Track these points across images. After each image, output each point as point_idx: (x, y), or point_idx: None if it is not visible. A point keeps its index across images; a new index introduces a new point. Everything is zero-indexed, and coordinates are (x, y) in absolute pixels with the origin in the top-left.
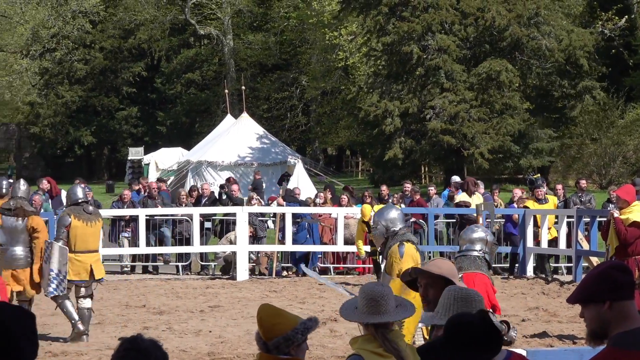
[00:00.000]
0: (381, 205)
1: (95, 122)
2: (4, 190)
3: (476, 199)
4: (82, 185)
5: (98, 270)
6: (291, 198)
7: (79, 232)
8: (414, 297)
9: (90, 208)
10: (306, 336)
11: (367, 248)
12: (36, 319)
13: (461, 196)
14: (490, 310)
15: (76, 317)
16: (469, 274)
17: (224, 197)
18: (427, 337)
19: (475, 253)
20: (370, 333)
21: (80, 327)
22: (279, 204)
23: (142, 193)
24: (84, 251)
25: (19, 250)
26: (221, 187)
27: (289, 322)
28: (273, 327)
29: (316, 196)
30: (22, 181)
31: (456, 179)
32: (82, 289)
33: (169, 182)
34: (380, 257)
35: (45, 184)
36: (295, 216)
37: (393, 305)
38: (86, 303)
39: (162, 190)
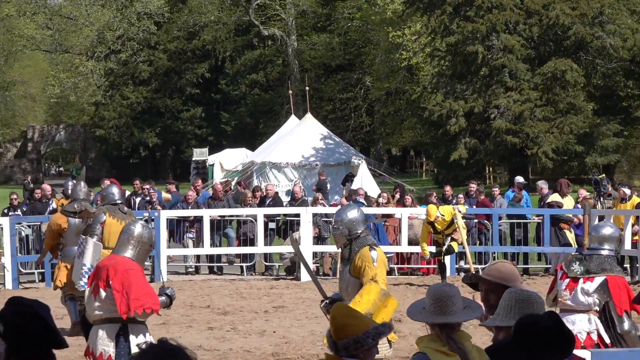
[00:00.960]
0: (446, 206)
1: (160, 123)
2: (69, 191)
3: (568, 201)
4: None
5: None
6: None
7: (112, 229)
8: (386, 306)
9: (125, 208)
10: (377, 341)
11: (432, 249)
12: None
13: (553, 196)
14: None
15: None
16: (611, 277)
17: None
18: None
19: (606, 252)
20: (435, 333)
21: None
22: (342, 205)
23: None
24: None
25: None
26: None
27: (361, 324)
28: (344, 328)
29: (379, 196)
30: (82, 183)
31: (520, 179)
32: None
33: (233, 183)
34: (345, 258)
35: (106, 183)
36: None
37: (460, 307)
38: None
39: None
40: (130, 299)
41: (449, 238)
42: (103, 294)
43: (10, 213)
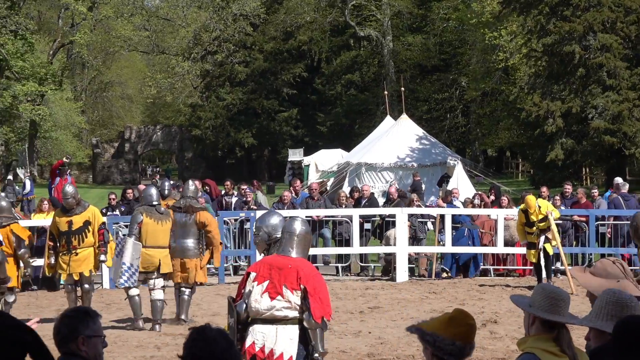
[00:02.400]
0: (543, 202)
1: (256, 124)
2: (166, 192)
3: None
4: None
5: (165, 265)
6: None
7: (149, 228)
8: None
9: (162, 209)
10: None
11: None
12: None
13: None
14: None
15: (140, 313)
16: None
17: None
18: None
19: None
20: (543, 332)
21: (140, 324)
22: (438, 205)
23: (293, 195)
24: (153, 246)
25: (189, 242)
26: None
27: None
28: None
29: (474, 197)
30: (190, 182)
31: (619, 180)
32: (152, 282)
33: (329, 184)
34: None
35: (197, 184)
36: (455, 220)
37: (568, 311)
38: (157, 295)
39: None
40: (324, 304)
41: (544, 237)
42: (291, 295)
43: (108, 213)
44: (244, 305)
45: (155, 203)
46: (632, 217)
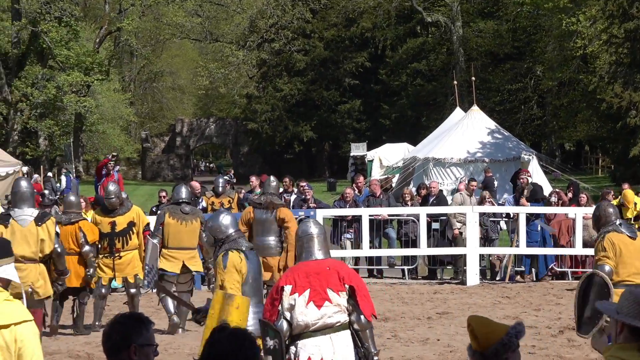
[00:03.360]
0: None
1: (316, 116)
2: (220, 189)
3: None
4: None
5: (192, 266)
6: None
7: (171, 229)
8: (237, 307)
9: (187, 208)
10: (519, 341)
11: None
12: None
13: None
14: None
15: (172, 310)
16: None
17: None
18: None
19: None
20: (631, 341)
21: (175, 319)
22: (521, 204)
23: (356, 193)
24: (176, 247)
25: (270, 240)
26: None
27: (500, 328)
28: (487, 335)
29: (551, 194)
30: (272, 177)
31: None
32: (178, 284)
33: (394, 180)
34: None
35: (254, 181)
36: (529, 216)
37: None
38: (183, 297)
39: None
40: (370, 301)
41: None
42: (338, 298)
43: (159, 212)
44: (285, 323)
45: (180, 200)
46: (596, 206)
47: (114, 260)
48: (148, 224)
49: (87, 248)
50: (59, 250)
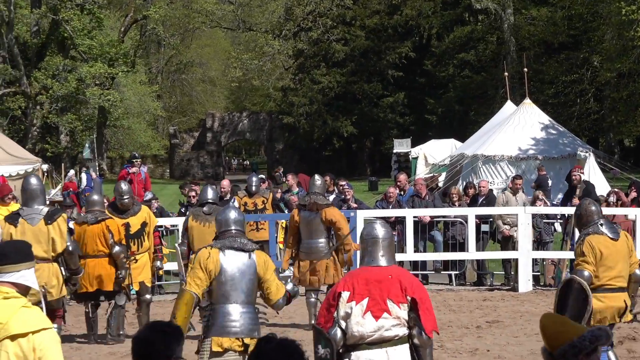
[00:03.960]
0: None
1: (356, 110)
2: (254, 188)
3: None
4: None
5: None
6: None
7: (195, 232)
8: (186, 303)
9: (207, 208)
10: (595, 346)
11: None
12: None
13: None
14: None
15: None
16: None
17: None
18: None
19: None
20: None
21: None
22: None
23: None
24: None
25: (318, 242)
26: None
27: (575, 329)
28: (558, 335)
29: (609, 194)
30: (316, 176)
31: None
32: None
33: (440, 179)
34: None
35: (290, 180)
36: None
37: None
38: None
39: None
40: (432, 315)
41: None
42: (398, 310)
43: (187, 213)
44: (339, 332)
45: (204, 201)
46: (577, 204)
47: (130, 264)
48: (159, 225)
49: (117, 248)
50: (70, 248)
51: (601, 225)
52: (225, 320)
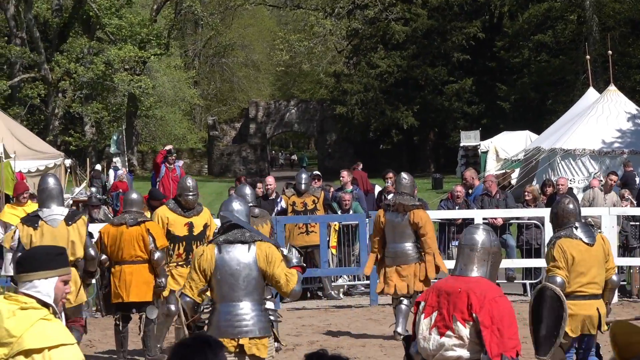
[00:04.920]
0: None
1: (418, 98)
2: (303, 187)
3: None
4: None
5: None
6: None
7: None
8: None
9: (256, 210)
10: None
11: None
12: None
13: None
14: None
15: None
16: None
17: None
18: None
19: None
20: None
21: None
22: None
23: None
24: None
25: (405, 246)
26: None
27: None
28: (630, 346)
29: None
30: (403, 174)
31: None
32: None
33: (513, 176)
34: None
35: (345, 176)
36: None
37: None
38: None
39: None
40: (505, 337)
41: None
42: (462, 328)
43: None
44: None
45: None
46: (555, 202)
47: (174, 270)
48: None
49: (158, 254)
50: (92, 252)
51: (576, 228)
52: (222, 320)
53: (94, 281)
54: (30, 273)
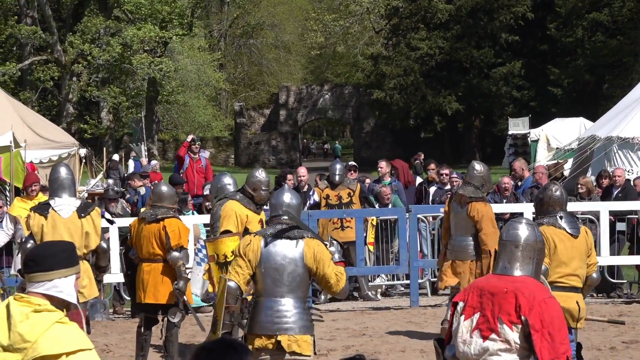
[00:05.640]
0: None
1: (463, 83)
2: (337, 178)
3: None
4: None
5: None
6: None
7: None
8: (222, 290)
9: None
10: None
11: None
12: None
13: None
14: None
15: None
16: None
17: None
18: None
19: None
20: None
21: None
22: None
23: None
24: None
25: (466, 240)
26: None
27: None
28: None
29: None
30: (475, 163)
31: None
32: None
33: (566, 167)
34: None
35: (383, 167)
36: None
37: None
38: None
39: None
40: (556, 342)
41: None
42: (509, 332)
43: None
44: (454, 350)
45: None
46: (542, 187)
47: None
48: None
49: (175, 254)
50: (104, 246)
51: (560, 218)
52: (262, 315)
53: (118, 279)
54: (50, 272)
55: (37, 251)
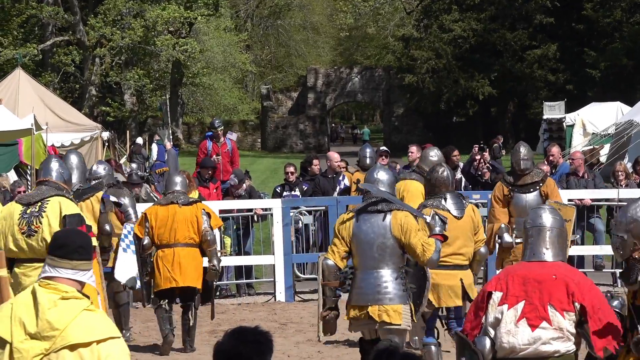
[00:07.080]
0: None
1: (496, 66)
2: (367, 161)
3: None
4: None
5: None
6: None
7: None
8: None
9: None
10: None
11: None
12: None
13: None
14: None
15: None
16: None
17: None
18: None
19: None
20: None
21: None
22: None
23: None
24: None
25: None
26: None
27: None
28: None
29: None
30: (522, 145)
31: None
32: None
33: (602, 153)
34: None
35: (414, 152)
36: None
37: None
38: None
39: None
40: (607, 328)
41: None
42: (562, 319)
43: (285, 193)
44: (487, 342)
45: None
46: (430, 168)
47: None
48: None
49: (213, 235)
50: (107, 228)
51: (445, 199)
52: (356, 287)
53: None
54: (90, 261)
55: (82, 241)
